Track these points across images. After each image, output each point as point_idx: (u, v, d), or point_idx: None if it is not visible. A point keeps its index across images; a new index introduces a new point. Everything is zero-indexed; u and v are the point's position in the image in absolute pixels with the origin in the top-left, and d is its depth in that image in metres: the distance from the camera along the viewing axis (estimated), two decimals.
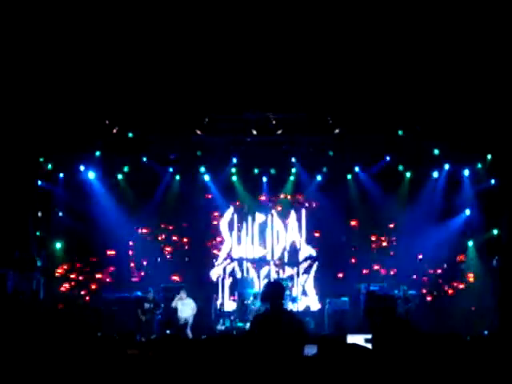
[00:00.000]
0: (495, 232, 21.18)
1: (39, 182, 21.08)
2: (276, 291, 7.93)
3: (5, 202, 19.58)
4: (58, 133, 19.69)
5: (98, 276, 22.09)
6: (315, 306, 22.49)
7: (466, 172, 21.87)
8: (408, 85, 17.99)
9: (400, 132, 20.84)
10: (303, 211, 23.56)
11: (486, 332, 17.93)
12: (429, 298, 21.77)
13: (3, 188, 19.42)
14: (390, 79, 17.75)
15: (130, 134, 20.89)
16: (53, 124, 19.35)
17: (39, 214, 21.34)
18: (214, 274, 23.20)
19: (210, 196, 23.19)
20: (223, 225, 23.52)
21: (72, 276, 21.87)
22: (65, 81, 17.54)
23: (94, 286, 21.89)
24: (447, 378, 5.58)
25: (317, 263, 23.31)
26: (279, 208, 23.51)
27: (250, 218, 23.58)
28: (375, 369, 4.07)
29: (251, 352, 4.60)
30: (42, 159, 21.05)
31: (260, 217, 23.60)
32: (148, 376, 5.01)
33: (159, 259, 22.75)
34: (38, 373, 5.25)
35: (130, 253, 22.57)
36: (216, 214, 23.46)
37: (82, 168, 21.69)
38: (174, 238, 22.97)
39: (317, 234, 23.25)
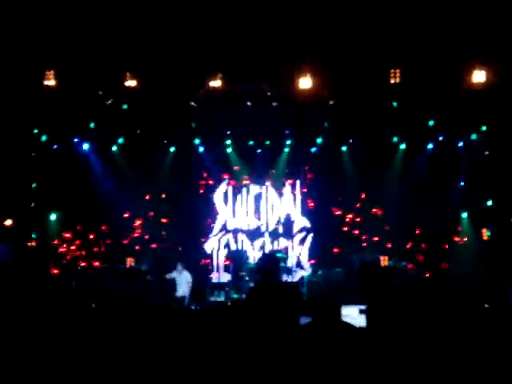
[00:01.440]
0: (489, 203, 21.23)
1: (34, 154, 21.07)
2: (271, 263, 7.99)
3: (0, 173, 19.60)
4: (52, 104, 19.64)
5: (93, 248, 22.16)
6: (309, 275, 22.59)
7: (461, 143, 21.87)
8: (403, 56, 17.97)
9: (395, 104, 20.81)
10: (298, 183, 23.57)
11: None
12: (424, 271, 21.85)
13: None
14: (385, 49, 17.73)
15: (125, 106, 20.83)
16: (47, 95, 19.30)
17: (33, 185, 21.34)
18: (209, 246, 23.24)
19: (205, 174, 23.18)
20: (218, 197, 23.52)
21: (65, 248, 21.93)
22: (59, 51, 17.48)
23: (88, 258, 21.95)
24: (443, 346, 5.63)
25: (311, 235, 23.37)
26: (274, 180, 23.51)
27: (244, 190, 23.60)
28: (370, 341, 4.10)
29: (247, 322, 4.64)
30: (36, 131, 21.01)
31: (255, 189, 23.61)
32: (144, 346, 5.04)
33: (154, 231, 22.80)
34: (35, 338, 5.28)
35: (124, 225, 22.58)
36: (211, 185, 23.45)
37: (76, 140, 21.67)
38: (169, 209, 22.96)
39: (311, 204, 23.27)
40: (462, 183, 21.94)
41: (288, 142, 22.82)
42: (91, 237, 22.16)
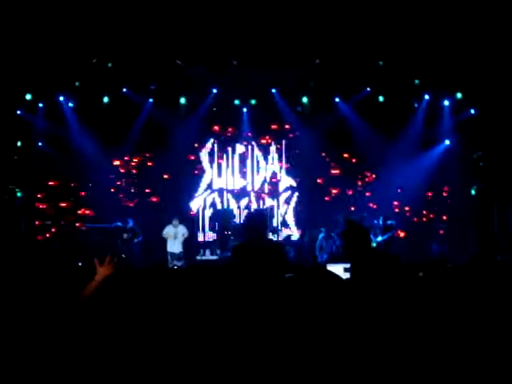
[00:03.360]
0: (475, 157, 21.35)
1: (18, 112, 20.99)
2: (258, 221, 8.01)
3: None
4: (37, 62, 19.51)
5: (78, 207, 22.21)
6: (295, 236, 22.71)
7: (446, 102, 21.92)
8: (388, 16, 17.89)
9: (380, 62, 20.78)
10: (283, 142, 23.58)
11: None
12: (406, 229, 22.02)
13: None
14: (371, 8, 17.65)
15: (110, 64, 20.70)
16: (32, 54, 19.16)
17: (18, 143, 21.28)
18: (195, 204, 23.29)
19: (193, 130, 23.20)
20: (203, 156, 23.52)
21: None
22: (44, 11, 17.32)
23: (73, 218, 22.02)
24: (425, 305, 5.70)
25: (297, 194, 23.45)
26: (259, 139, 23.52)
27: (230, 149, 23.60)
28: (354, 298, 4.14)
29: (233, 280, 4.69)
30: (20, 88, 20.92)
31: (240, 148, 23.62)
32: (131, 305, 5.07)
33: (139, 191, 22.85)
34: (19, 302, 5.30)
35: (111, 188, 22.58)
36: (196, 144, 23.43)
37: (61, 98, 21.58)
38: (152, 166, 22.96)
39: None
40: (447, 142, 22.02)
41: (274, 101, 22.76)
42: (74, 198, 22.20)
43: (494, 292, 6.10)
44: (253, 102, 22.84)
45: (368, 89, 21.94)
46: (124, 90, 21.86)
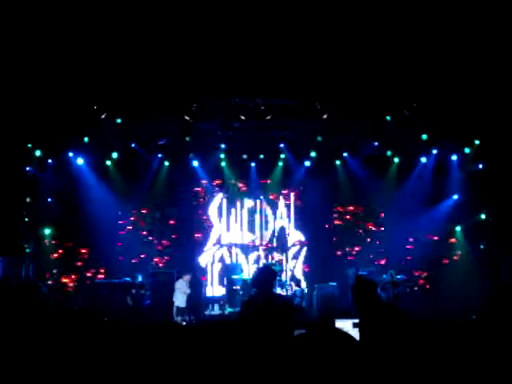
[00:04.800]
0: (483, 216, 21.31)
1: (28, 168, 21.09)
2: (266, 276, 8.00)
3: None
4: (46, 119, 19.66)
5: (87, 262, 22.16)
6: (301, 287, 22.62)
7: (454, 157, 21.99)
8: (396, 70, 18.01)
9: (388, 117, 20.91)
10: (292, 196, 23.63)
11: (473, 316, 18.05)
12: (420, 283, 21.90)
13: None
14: (378, 64, 17.78)
15: (119, 120, 20.84)
16: (41, 110, 19.32)
17: (28, 199, 21.33)
18: (203, 259, 23.25)
19: (200, 189, 23.27)
20: (212, 210, 23.55)
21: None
22: (53, 67, 17.49)
23: (83, 273, 21.97)
24: (434, 362, 5.64)
25: (305, 248, 23.41)
26: (268, 193, 23.56)
27: (238, 204, 23.64)
28: (363, 354, 4.11)
29: (242, 336, 4.64)
30: (30, 145, 21.03)
31: (249, 202, 23.66)
32: (134, 362, 5.03)
33: (149, 245, 22.82)
34: (23, 356, 5.27)
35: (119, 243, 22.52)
36: (205, 199, 23.49)
37: (70, 154, 21.70)
38: (163, 224, 22.99)
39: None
40: (455, 196, 22.02)
41: (282, 156, 22.87)
42: (84, 251, 22.17)
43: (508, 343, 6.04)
44: (261, 156, 22.92)
45: (376, 143, 22.03)
46: (133, 145, 21.98)
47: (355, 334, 7.26)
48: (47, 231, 21.75)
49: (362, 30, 16.28)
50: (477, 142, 21.45)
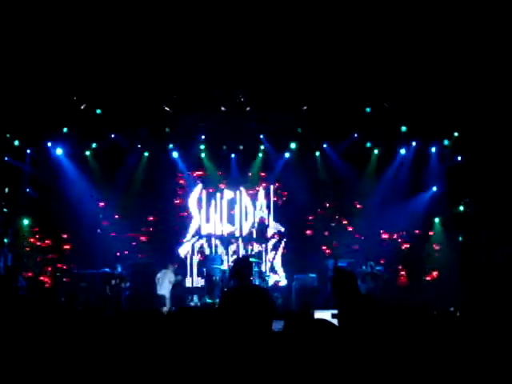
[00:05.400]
0: (461, 208, 21.41)
1: (6, 158, 20.97)
2: (245, 267, 8.02)
3: None
4: (25, 109, 19.57)
5: (66, 252, 22.06)
6: (283, 282, 22.63)
7: (433, 149, 22.08)
8: (376, 62, 18.06)
9: (367, 109, 20.96)
10: (271, 188, 23.65)
11: (451, 308, 18.16)
12: (399, 274, 21.99)
13: None
14: (358, 56, 17.82)
15: (98, 111, 20.77)
16: (20, 100, 19.23)
17: (6, 190, 21.23)
18: (183, 250, 23.23)
19: (182, 181, 23.25)
20: (192, 201, 23.52)
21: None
22: (33, 57, 17.42)
23: (61, 264, 21.87)
24: (412, 351, 5.69)
25: (285, 240, 23.44)
26: (248, 185, 23.57)
27: (218, 195, 23.62)
28: (342, 344, 4.14)
29: (220, 327, 4.66)
30: (8, 135, 20.91)
31: (228, 193, 23.65)
32: (114, 350, 5.04)
33: (127, 236, 22.76)
34: (8, 348, 5.26)
35: (98, 230, 22.45)
36: (185, 190, 23.46)
37: (49, 144, 21.61)
38: (142, 214, 22.95)
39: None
40: (434, 188, 22.13)
41: (262, 147, 22.88)
42: (63, 242, 22.09)
43: (483, 335, 6.10)
44: (241, 147, 22.92)
45: (355, 135, 22.09)
46: (112, 135, 21.92)
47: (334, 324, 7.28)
48: (26, 221, 21.66)
49: (343, 22, 16.32)
50: (456, 134, 21.55)
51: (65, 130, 21.27)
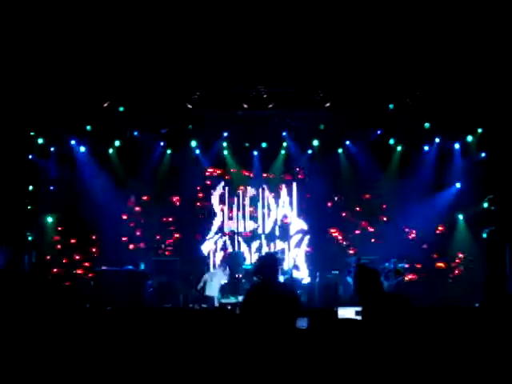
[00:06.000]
0: (485, 205, 21.30)
1: (30, 156, 21.11)
2: (270, 264, 8.01)
3: None
4: (49, 107, 19.69)
5: (89, 250, 22.16)
6: (306, 279, 22.59)
7: (457, 145, 21.97)
8: (399, 58, 17.98)
9: (391, 106, 20.88)
10: (294, 185, 23.62)
11: (476, 304, 18.09)
12: (419, 272, 21.87)
13: None
14: (381, 52, 17.75)
15: (121, 108, 20.84)
16: (44, 98, 19.35)
17: (30, 188, 21.36)
18: (206, 248, 23.26)
19: (204, 173, 23.27)
20: (214, 198, 23.55)
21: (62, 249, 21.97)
22: (56, 55, 17.49)
23: (85, 261, 21.95)
24: (435, 348, 5.67)
25: (308, 237, 23.41)
26: (270, 182, 23.56)
27: (241, 192, 23.62)
28: (365, 341, 4.14)
29: (245, 324, 4.67)
30: (33, 133, 21.05)
31: (251, 191, 23.65)
32: (139, 346, 5.06)
33: (151, 233, 22.81)
34: (31, 343, 5.30)
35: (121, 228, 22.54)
36: (207, 188, 23.49)
37: (73, 142, 21.73)
38: (166, 212, 23.00)
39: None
40: (458, 185, 22.03)
41: (284, 144, 22.86)
42: (86, 239, 22.19)
43: (508, 332, 6.07)
44: (263, 145, 22.91)
45: (379, 131, 22.02)
46: (135, 133, 22.00)
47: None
48: (50, 219, 21.79)
49: (364, 18, 16.25)
50: (480, 130, 21.43)
51: (88, 127, 21.37)
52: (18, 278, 18.46)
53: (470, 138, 21.75)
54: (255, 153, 23.09)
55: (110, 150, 22.29)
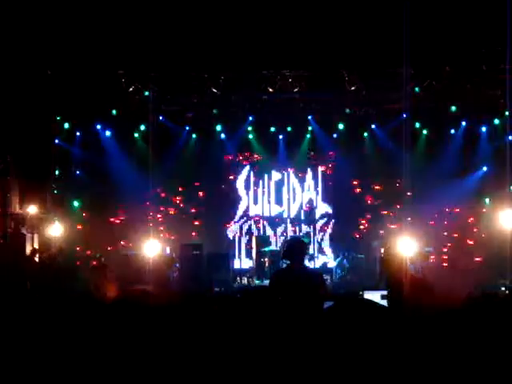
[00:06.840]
0: None
1: (56, 141, 21.23)
2: (298, 248, 8.02)
3: (23, 160, 19.79)
4: (75, 92, 19.79)
5: (114, 233, 22.24)
6: (331, 263, 22.55)
7: (484, 128, 21.82)
8: (425, 41, 17.86)
9: (417, 89, 20.76)
10: (319, 169, 23.57)
11: (502, 288, 17.99)
12: (445, 255, 21.78)
13: (22, 147, 19.61)
14: (407, 35, 17.63)
15: (147, 93, 20.89)
16: (70, 83, 19.45)
17: (57, 172, 21.50)
18: (231, 232, 23.31)
19: (230, 157, 23.27)
20: (240, 183, 23.56)
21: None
22: (83, 40, 17.57)
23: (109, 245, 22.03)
24: (461, 333, 5.64)
25: (333, 221, 23.38)
26: (296, 166, 23.52)
27: (266, 176, 23.62)
28: (391, 325, 4.13)
29: (272, 308, 4.68)
30: (59, 118, 21.17)
31: (276, 175, 23.63)
32: (166, 330, 5.08)
33: (176, 218, 22.86)
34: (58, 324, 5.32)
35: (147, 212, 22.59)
36: (232, 172, 23.50)
37: (98, 127, 21.82)
38: (191, 196, 23.02)
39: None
40: (484, 168, 21.89)
41: (310, 128, 22.81)
42: (112, 223, 22.29)
43: None
44: (289, 129, 22.86)
45: (404, 115, 21.87)
46: (160, 117, 22.04)
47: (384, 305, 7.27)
48: (76, 203, 21.91)
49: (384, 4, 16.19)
50: (507, 113, 21.25)
51: (114, 112, 21.45)
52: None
53: (496, 121, 21.58)
54: (280, 137, 23.04)
55: (136, 135, 22.33)
